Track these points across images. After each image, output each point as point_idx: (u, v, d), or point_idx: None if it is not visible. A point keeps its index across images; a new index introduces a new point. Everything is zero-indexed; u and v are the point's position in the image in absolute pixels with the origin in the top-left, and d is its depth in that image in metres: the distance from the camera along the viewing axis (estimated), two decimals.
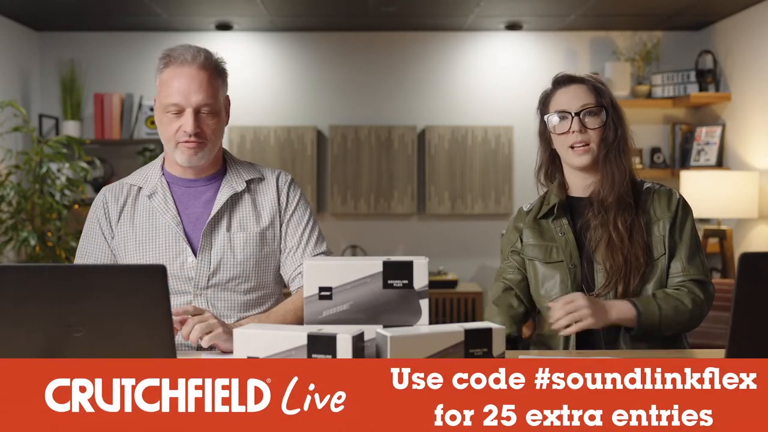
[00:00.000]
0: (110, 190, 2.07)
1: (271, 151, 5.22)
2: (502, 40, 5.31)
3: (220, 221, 2.00)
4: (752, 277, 1.36)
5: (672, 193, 2.03)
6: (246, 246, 2.00)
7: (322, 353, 1.33)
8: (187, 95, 1.92)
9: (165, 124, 1.96)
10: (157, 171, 2.06)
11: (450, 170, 5.28)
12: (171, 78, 1.94)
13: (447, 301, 4.93)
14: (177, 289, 1.97)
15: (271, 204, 2.06)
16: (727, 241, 4.36)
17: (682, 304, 1.91)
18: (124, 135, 5.14)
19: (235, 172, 2.06)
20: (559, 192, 2.06)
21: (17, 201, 4.33)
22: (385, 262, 1.50)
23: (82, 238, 2.07)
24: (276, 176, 2.10)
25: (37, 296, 1.34)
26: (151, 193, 2.02)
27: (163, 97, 1.95)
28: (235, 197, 2.03)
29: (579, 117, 1.99)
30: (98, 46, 5.27)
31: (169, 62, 1.96)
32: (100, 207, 2.05)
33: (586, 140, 1.99)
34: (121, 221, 2.02)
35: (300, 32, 5.31)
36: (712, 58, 4.87)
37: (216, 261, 1.98)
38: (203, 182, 2.04)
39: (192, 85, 1.93)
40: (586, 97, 2.01)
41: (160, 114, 1.97)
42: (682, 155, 5.08)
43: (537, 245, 2.06)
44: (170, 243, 1.98)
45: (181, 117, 1.94)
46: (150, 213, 2.01)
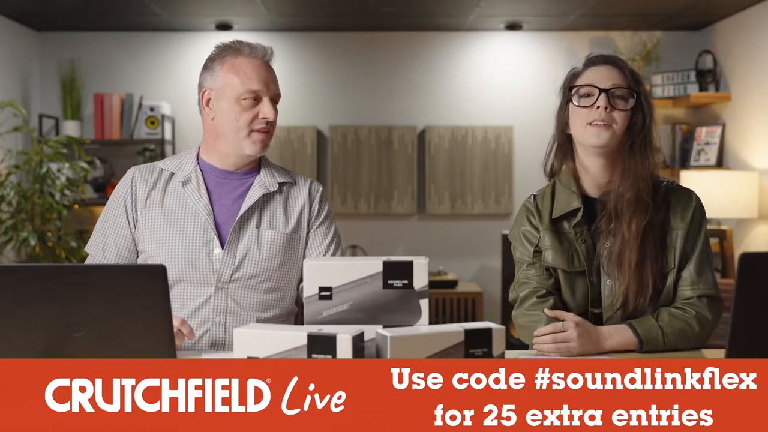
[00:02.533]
0: (140, 170, 2.05)
1: (271, 151, 5.21)
2: (502, 40, 5.31)
3: (251, 218, 2.00)
4: (752, 277, 1.36)
5: (690, 198, 1.90)
6: (273, 244, 2.00)
7: (322, 353, 1.33)
8: (267, 84, 1.97)
9: (238, 111, 1.95)
10: (192, 159, 2.05)
11: (450, 170, 5.28)
12: (245, 66, 1.96)
13: (447, 301, 4.93)
14: (199, 280, 1.96)
15: (300, 209, 2.06)
16: (727, 241, 4.35)
17: (689, 327, 1.78)
18: (124, 135, 5.14)
19: (269, 172, 2.06)
20: (577, 188, 1.88)
21: (17, 201, 4.34)
22: (385, 262, 1.50)
23: (102, 219, 2.04)
24: (309, 184, 2.10)
25: (37, 296, 1.34)
26: (185, 179, 2.01)
27: (238, 84, 1.95)
28: (267, 196, 2.03)
29: (607, 94, 1.82)
30: (98, 46, 5.27)
31: (238, 53, 1.98)
32: (128, 185, 2.03)
33: (610, 120, 1.82)
34: (149, 204, 2.00)
35: (300, 32, 5.31)
36: (712, 58, 4.87)
37: (241, 255, 1.97)
38: (239, 176, 2.04)
39: (269, 74, 1.99)
40: (619, 78, 1.85)
41: (229, 102, 1.95)
42: (682, 155, 5.08)
43: (557, 251, 1.87)
44: (198, 231, 1.97)
45: (257, 105, 1.96)
46: (182, 199, 2.00)
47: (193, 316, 1.95)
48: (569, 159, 1.92)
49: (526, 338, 1.84)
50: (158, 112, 5.06)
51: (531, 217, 1.93)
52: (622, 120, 1.83)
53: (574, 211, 1.87)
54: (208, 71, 2.01)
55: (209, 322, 1.96)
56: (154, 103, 5.09)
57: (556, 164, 1.95)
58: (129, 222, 2.01)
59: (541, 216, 1.91)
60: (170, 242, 1.96)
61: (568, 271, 1.85)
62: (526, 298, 1.87)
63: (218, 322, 1.96)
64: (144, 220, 2.00)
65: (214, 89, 1.99)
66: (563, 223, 1.89)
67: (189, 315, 1.95)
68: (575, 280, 1.85)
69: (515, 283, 1.93)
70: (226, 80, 1.97)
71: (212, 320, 1.96)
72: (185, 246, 1.96)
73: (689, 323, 1.79)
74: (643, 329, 1.77)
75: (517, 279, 1.93)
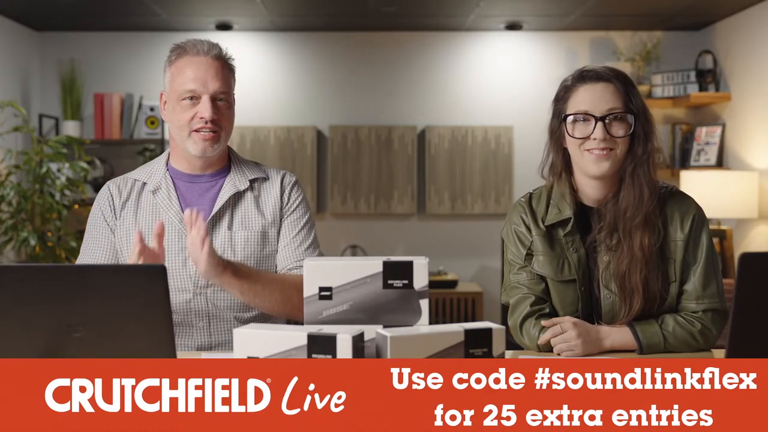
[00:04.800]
0: (114, 183, 2.05)
1: (271, 151, 5.22)
2: (502, 40, 5.31)
3: (222, 219, 1.99)
4: (752, 277, 1.36)
5: (689, 207, 1.85)
6: (247, 245, 1.99)
7: (322, 353, 1.33)
8: (205, 82, 1.92)
9: (178, 112, 1.93)
10: (161, 166, 2.04)
11: (450, 170, 5.28)
12: (186, 66, 1.93)
13: (447, 301, 4.93)
14: (177, 286, 1.95)
15: (273, 203, 2.04)
16: (727, 241, 4.35)
17: (693, 339, 1.76)
18: (124, 135, 5.15)
19: (239, 170, 2.04)
20: (571, 199, 1.83)
21: (17, 201, 4.33)
22: (385, 262, 1.50)
23: (87, 233, 2.04)
24: (281, 176, 2.08)
25: (37, 296, 1.34)
26: (155, 188, 2.00)
27: (177, 85, 1.93)
28: (238, 195, 2.01)
29: (604, 123, 1.74)
30: (98, 46, 5.27)
31: (182, 53, 1.95)
32: (105, 199, 2.03)
33: (610, 147, 1.75)
34: (123, 215, 2.00)
35: (300, 32, 5.31)
36: (712, 58, 4.87)
37: None
38: (208, 178, 2.02)
39: (209, 72, 1.93)
40: (614, 99, 1.76)
41: (173, 103, 1.95)
42: (682, 155, 5.08)
43: (548, 257, 1.84)
44: (173, 240, 1.96)
45: (196, 105, 1.93)
46: (153, 209, 1.99)
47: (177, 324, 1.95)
48: (566, 172, 1.87)
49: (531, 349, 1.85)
50: (158, 112, 5.06)
51: (524, 216, 1.90)
52: (623, 144, 1.77)
53: (567, 220, 1.84)
54: (163, 73, 2.01)
55: (193, 327, 1.96)
56: (154, 103, 5.09)
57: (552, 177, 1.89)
58: (112, 232, 2.00)
59: (536, 217, 1.88)
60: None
61: (557, 279, 1.83)
62: (518, 305, 1.86)
63: (201, 327, 1.96)
64: (120, 232, 1.99)
65: (165, 92, 1.99)
66: (557, 230, 1.85)
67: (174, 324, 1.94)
68: (565, 288, 1.83)
69: (506, 285, 1.92)
70: (170, 81, 1.96)
71: (195, 325, 1.96)
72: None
73: (694, 336, 1.77)
74: (645, 335, 1.75)
75: (509, 282, 1.91)
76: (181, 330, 1.96)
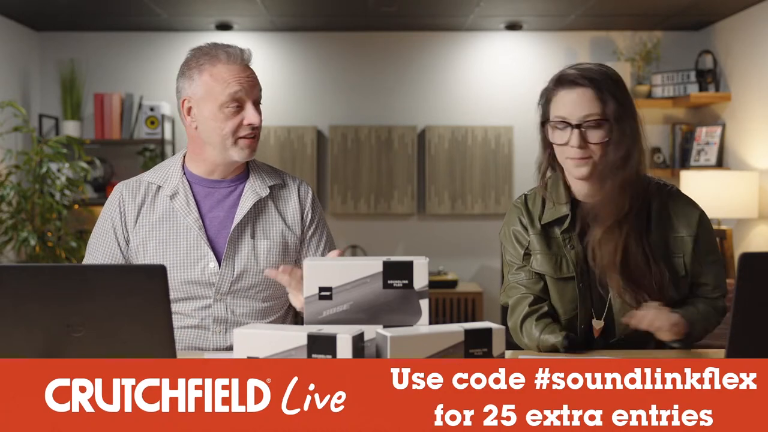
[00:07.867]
0: (126, 187, 2.00)
1: (271, 151, 5.22)
2: (502, 40, 5.31)
3: (245, 228, 1.97)
4: (752, 277, 1.36)
5: (694, 206, 1.87)
6: (269, 254, 1.97)
7: (322, 353, 1.33)
8: (249, 89, 1.93)
9: (221, 120, 1.90)
10: (177, 170, 2.00)
11: (450, 170, 5.28)
12: (226, 73, 1.90)
13: (447, 301, 4.93)
14: (196, 293, 1.94)
15: (293, 214, 2.03)
16: (727, 241, 4.35)
17: (711, 324, 1.83)
18: (124, 135, 5.14)
19: (258, 176, 2.02)
20: (566, 196, 1.86)
21: (17, 201, 4.34)
22: (385, 262, 1.50)
23: (93, 236, 2.00)
24: (297, 185, 2.07)
25: (37, 296, 1.34)
26: (172, 193, 1.96)
27: (219, 92, 1.90)
28: (259, 203, 1.99)
29: (580, 130, 1.75)
30: (98, 46, 5.27)
31: (215, 59, 1.92)
32: (115, 205, 1.98)
33: (587, 155, 1.76)
34: (139, 223, 1.96)
35: (300, 32, 5.31)
36: (712, 58, 4.87)
37: (240, 268, 1.95)
38: (228, 183, 2.00)
39: (250, 79, 1.94)
40: (591, 105, 1.75)
41: (213, 111, 1.91)
42: (682, 155, 5.08)
43: (546, 256, 1.86)
44: (192, 247, 1.94)
45: (240, 112, 1.92)
46: (171, 214, 1.96)
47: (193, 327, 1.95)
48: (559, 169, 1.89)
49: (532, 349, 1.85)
50: (158, 112, 5.06)
51: (521, 217, 1.92)
52: (599, 150, 1.76)
53: (563, 217, 1.86)
54: (186, 79, 1.95)
55: (209, 331, 1.95)
56: (154, 103, 5.09)
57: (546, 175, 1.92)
58: (119, 242, 1.97)
59: (532, 217, 1.90)
60: (165, 260, 1.92)
61: (555, 277, 1.85)
62: (517, 306, 1.88)
63: (218, 332, 1.95)
64: (136, 240, 1.96)
65: (194, 98, 1.94)
66: (554, 228, 1.87)
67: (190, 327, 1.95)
68: (564, 286, 1.85)
69: (505, 286, 1.94)
70: (205, 88, 1.91)
71: (213, 330, 1.95)
72: (179, 264, 1.93)
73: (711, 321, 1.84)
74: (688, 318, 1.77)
75: (507, 282, 1.93)
76: (196, 334, 1.95)
